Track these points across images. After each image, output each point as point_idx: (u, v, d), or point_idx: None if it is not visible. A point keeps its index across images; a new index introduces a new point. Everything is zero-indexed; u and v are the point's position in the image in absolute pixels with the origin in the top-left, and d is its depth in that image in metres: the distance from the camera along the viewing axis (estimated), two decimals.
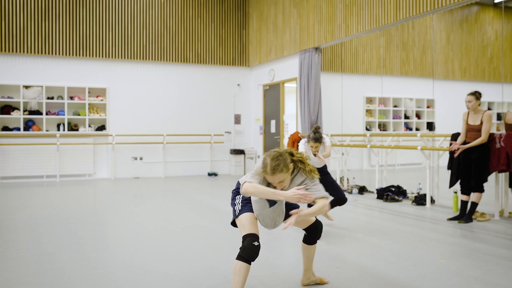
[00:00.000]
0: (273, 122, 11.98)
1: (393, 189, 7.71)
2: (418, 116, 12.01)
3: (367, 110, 11.79)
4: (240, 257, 2.92)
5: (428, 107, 11.95)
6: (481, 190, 5.75)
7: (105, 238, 5.20)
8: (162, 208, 7.24)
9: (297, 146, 10.44)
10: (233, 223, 3.22)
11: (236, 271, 2.91)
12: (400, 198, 7.56)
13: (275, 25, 11.66)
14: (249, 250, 2.90)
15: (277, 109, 11.77)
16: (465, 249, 4.58)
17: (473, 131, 5.80)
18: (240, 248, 2.95)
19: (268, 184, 3.08)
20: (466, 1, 6.79)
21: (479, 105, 5.84)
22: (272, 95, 12.08)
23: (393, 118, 11.73)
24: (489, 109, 11.77)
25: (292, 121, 11.58)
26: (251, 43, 12.97)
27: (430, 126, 11.85)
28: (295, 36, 10.75)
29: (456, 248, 4.65)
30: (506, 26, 11.95)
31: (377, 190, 7.97)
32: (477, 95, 5.79)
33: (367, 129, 11.67)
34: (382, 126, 11.78)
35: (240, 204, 3.11)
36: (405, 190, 7.81)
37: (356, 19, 8.72)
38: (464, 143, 5.91)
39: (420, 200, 7.11)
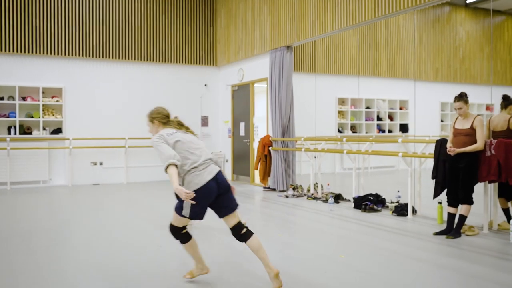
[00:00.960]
0: (242, 125, 11.38)
1: (372, 197, 7.21)
2: (390, 117, 11.69)
3: (339, 112, 11.38)
4: None
5: (400, 108, 11.64)
6: (470, 202, 5.28)
7: (46, 263, 4.47)
8: (121, 223, 6.53)
9: (268, 150, 9.95)
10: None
11: None
12: (379, 208, 7.07)
13: (245, 23, 11.06)
14: None
15: (247, 111, 11.17)
16: (460, 274, 4.05)
17: (460, 135, 5.32)
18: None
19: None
20: None
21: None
22: (241, 96, 11.47)
23: (366, 120, 11.37)
24: None
25: (262, 124, 11.00)
26: (219, 41, 12.33)
27: (403, 128, 11.55)
28: (265, 34, 10.19)
29: (450, 273, 4.11)
30: (476, 27, 11.76)
31: (354, 198, 7.47)
32: (465, 98, 5.32)
33: (339, 131, 11.27)
34: (356, 128, 11.41)
35: None
36: (384, 199, 7.32)
37: (331, 16, 8.21)
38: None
39: (401, 210, 6.63)
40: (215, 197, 3.57)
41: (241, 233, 3.59)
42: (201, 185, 3.47)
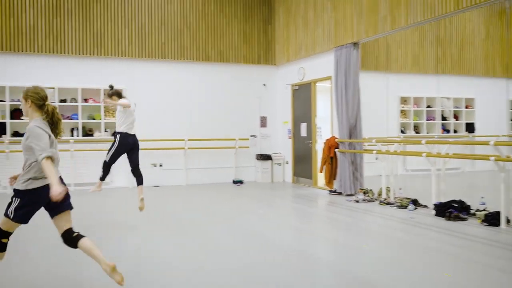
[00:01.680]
0: (303, 125, 11.01)
1: (456, 204, 6.70)
2: (456, 117, 11.09)
3: (401, 111, 10.87)
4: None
5: (466, 107, 11.01)
6: None
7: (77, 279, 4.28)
8: (180, 232, 6.32)
9: (334, 152, 9.55)
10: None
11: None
12: (465, 216, 6.55)
13: (305, 20, 10.69)
14: None
15: (308, 111, 10.80)
16: None
17: None
18: None
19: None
20: None
21: None
22: (302, 96, 11.11)
23: (428, 120, 10.85)
24: None
25: (325, 124, 10.58)
26: (278, 40, 12.01)
27: (469, 127, 10.93)
28: (329, 31, 9.79)
29: None
30: None
31: (435, 205, 6.97)
32: None
33: (401, 131, 10.77)
34: (419, 128, 10.90)
35: None
36: (469, 206, 6.80)
37: (405, 9, 7.72)
38: None
39: (492, 219, 6.10)
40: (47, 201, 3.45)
41: (72, 236, 3.52)
42: (42, 185, 3.40)
